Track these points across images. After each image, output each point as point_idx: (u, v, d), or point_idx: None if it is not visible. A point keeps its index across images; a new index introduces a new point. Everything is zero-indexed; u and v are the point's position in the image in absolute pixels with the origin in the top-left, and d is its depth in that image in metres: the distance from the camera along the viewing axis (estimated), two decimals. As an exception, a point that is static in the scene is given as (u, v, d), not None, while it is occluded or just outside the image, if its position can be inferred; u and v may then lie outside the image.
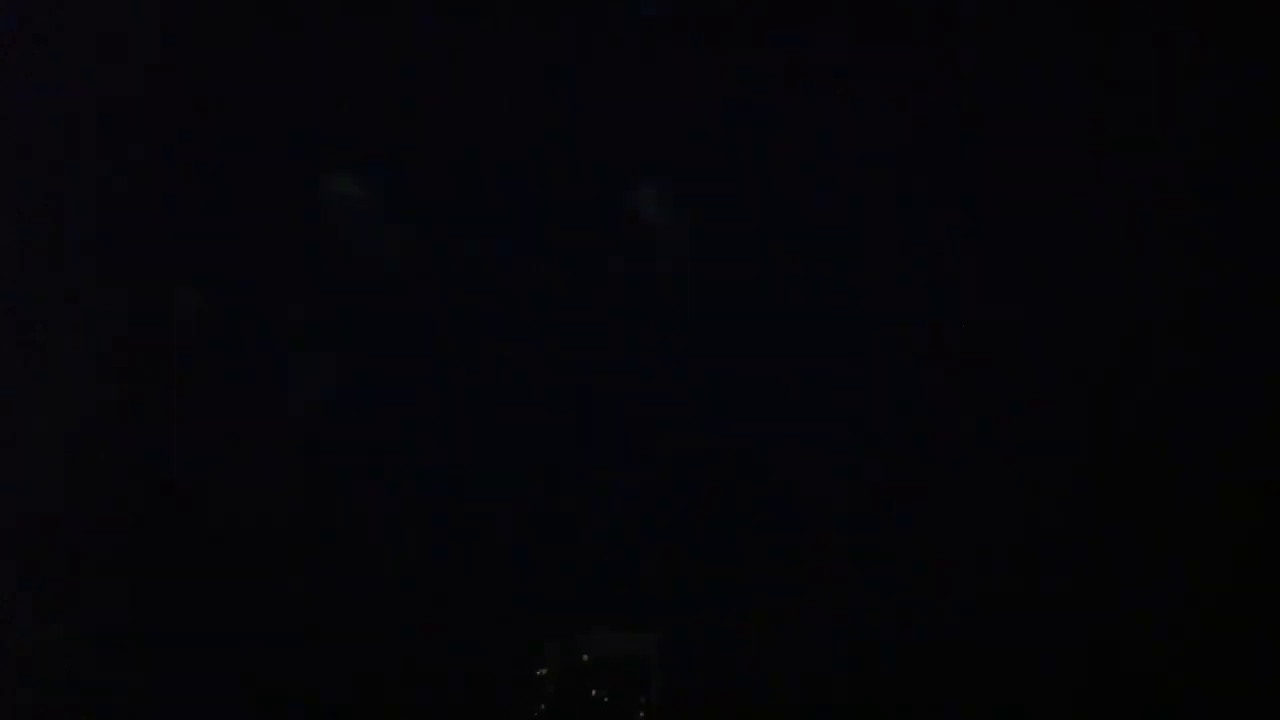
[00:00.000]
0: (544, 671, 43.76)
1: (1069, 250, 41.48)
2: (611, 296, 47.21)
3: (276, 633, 45.67)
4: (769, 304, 47.49)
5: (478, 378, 47.85)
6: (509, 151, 44.58)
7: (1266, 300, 36.92)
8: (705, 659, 44.00)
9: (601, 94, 43.21)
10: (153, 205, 46.63)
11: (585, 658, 42.52)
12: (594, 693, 42.83)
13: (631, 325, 47.92)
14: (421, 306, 46.45)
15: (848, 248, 43.90)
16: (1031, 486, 39.97)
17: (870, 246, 43.90)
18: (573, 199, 46.67)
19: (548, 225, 46.38)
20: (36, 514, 42.57)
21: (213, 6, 42.31)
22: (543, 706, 41.67)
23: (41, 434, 43.74)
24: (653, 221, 47.73)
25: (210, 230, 46.39)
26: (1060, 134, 40.82)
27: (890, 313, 44.39)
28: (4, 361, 42.05)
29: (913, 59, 40.59)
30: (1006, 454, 41.73)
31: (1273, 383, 36.80)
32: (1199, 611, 35.63)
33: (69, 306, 44.63)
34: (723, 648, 43.60)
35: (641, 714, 42.43)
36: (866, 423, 43.55)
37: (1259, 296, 36.75)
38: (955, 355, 42.97)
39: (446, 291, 46.83)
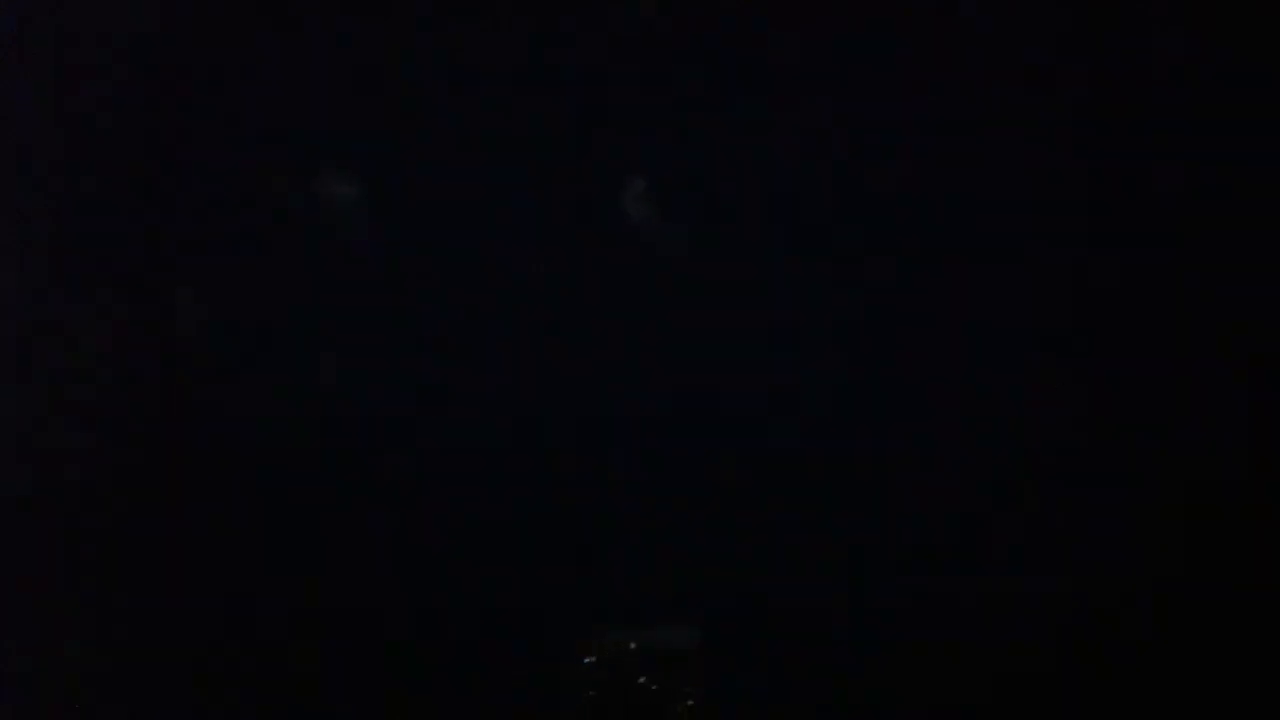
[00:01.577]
0: (592, 660, 45.98)
1: (1068, 251, 43.17)
2: (656, 299, 49.03)
3: (333, 622, 47.17)
4: (792, 304, 49.22)
5: (532, 385, 49.45)
6: (506, 151, 45.86)
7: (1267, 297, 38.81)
8: (745, 652, 46.50)
9: (600, 94, 44.38)
10: (151, 202, 47.74)
11: (633, 645, 44.66)
12: (641, 680, 45.13)
13: (667, 331, 49.63)
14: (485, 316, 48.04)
15: (847, 248, 45.67)
16: (1048, 491, 42.00)
17: (869, 246, 45.65)
18: (570, 199, 48.18)
19: (546, 224, 47.98)
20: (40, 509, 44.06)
21: (212, 8, 43.19)
22: (591, 693, 43.88)
23: (45, 431, 45.38)
24: (650, 222, 49.67)
25: (210, 230, 47.55)
26: (1058, 137, 42.51)
27: (892, 313, 46.16)
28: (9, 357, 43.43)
29: (912, 63, 42.06)
30: (1017, 450, 43.60)
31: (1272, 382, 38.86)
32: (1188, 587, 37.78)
33: (70, 304, 46.04)
34: (762, 641, 46.04)
35: (690, 702, 44.86)
36: (889, 421, 45.51)
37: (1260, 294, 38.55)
38: (958, 358, 44.83)
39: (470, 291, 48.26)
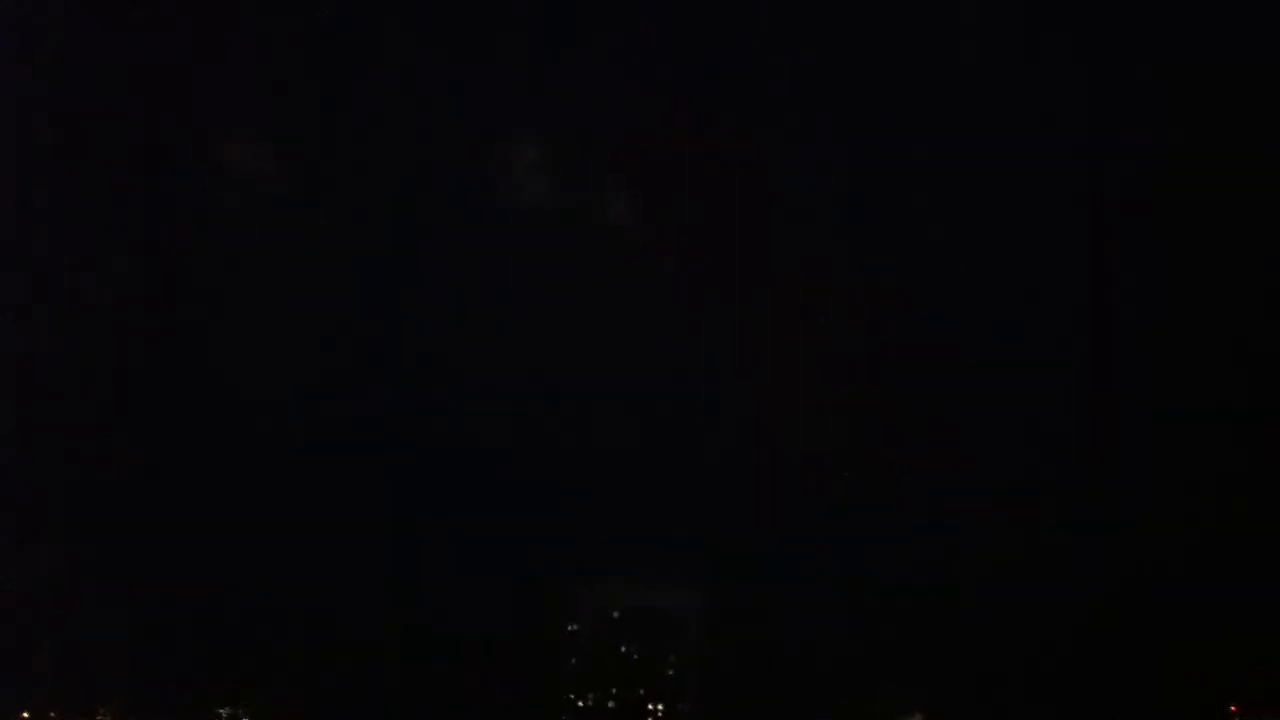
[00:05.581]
0: (575, 627, 62.19)
1: (1063, 251, 60.46)
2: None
3: (312, 591, 66.84)
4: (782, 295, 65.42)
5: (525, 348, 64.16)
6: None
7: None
8: (741, 615, 63.44)
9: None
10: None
11: (616, 614, 60.52)
12: (624, 649, 62.30)
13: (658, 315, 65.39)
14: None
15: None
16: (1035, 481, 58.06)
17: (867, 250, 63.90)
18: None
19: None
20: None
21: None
22: (573, 660, 60.94)
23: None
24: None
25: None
26: (1054, 145, 58.89)
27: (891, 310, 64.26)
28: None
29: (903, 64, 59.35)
30: (1010, 437, 60.91)
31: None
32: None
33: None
34: (757, 605, 62.70)
35: (670, 671, 63.77)
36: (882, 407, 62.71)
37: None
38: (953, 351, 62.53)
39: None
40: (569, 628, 66.32)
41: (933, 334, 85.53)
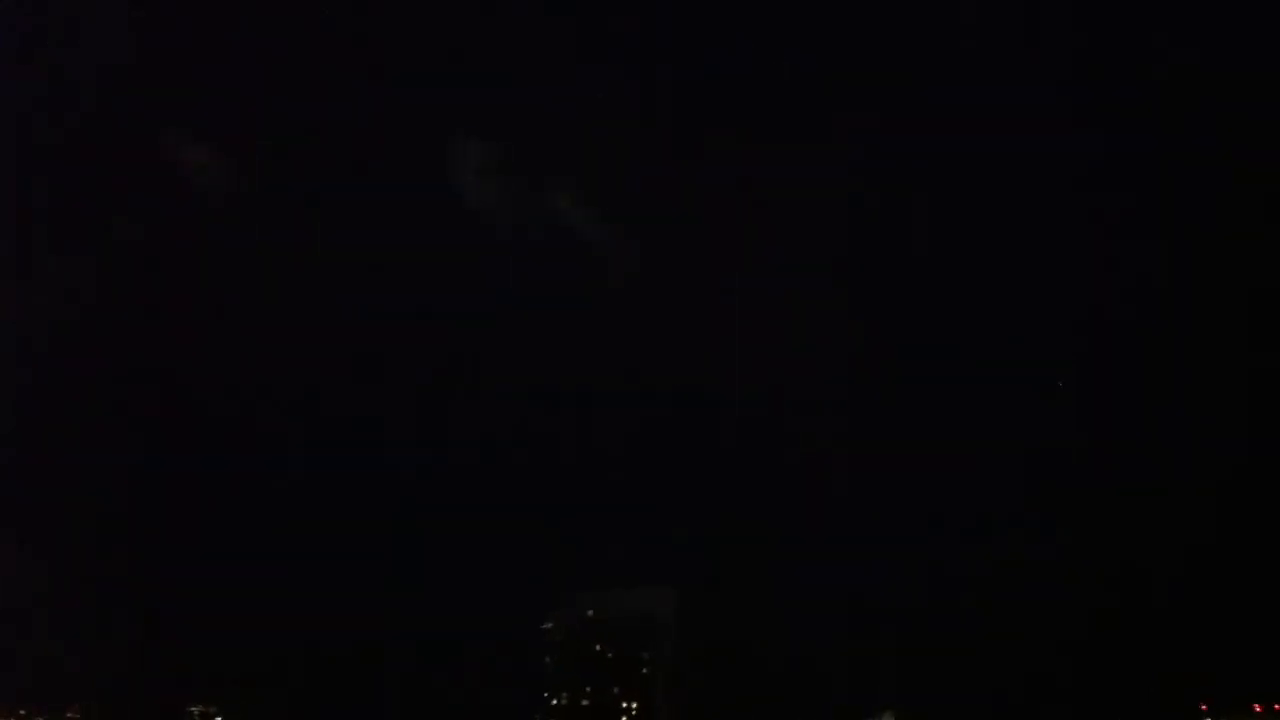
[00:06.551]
0: (549, 625, 70.66)
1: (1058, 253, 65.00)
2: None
3: (291, 591, 72.84)
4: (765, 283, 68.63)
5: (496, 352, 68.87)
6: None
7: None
8: (717, 615, 70.16)
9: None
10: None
11: (590, 613, 68.55)
12: (598, 648, 70.03)
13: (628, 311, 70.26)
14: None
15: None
16: (1028, 465, 64.68)
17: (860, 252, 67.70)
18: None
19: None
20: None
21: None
22: (548, 659, 68.91)
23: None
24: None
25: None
26: (1049, 154, 62.52)
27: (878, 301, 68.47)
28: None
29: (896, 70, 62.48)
30: (1003, 425, 67.13)
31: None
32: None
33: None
34: (733, 604, 69.42)
35: (644, 670, 71.85)
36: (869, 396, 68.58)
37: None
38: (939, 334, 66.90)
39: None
40: (543, 626, 68.12)
41: (933, 334, 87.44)
